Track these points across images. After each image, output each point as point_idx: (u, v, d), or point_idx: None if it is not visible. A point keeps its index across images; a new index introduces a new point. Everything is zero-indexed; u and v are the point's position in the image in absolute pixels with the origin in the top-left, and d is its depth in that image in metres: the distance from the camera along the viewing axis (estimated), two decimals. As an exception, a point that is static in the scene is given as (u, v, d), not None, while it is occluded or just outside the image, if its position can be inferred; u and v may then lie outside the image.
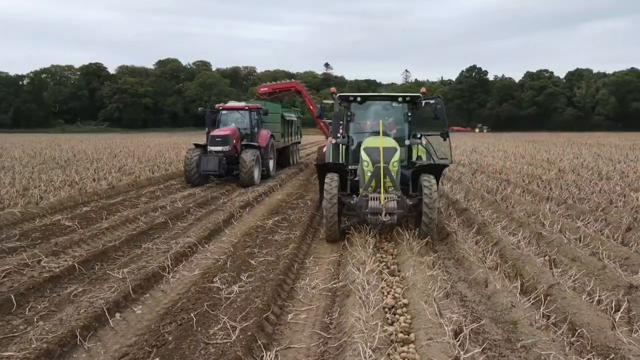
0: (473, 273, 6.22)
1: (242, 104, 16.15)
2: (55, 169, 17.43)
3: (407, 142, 9.16)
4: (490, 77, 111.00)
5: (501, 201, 11.02)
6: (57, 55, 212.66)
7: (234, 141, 13.88)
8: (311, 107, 19.23)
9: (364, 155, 8.04)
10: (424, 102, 9.13)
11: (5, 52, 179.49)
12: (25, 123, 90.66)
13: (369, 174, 7.82)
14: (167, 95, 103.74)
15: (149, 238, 8.13)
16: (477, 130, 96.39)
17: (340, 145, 9.21)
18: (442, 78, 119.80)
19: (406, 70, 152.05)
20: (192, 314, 4.88)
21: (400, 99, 9.19)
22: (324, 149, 14.33)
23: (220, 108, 15.36)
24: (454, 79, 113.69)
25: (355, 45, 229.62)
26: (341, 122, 9.27)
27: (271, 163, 15.86)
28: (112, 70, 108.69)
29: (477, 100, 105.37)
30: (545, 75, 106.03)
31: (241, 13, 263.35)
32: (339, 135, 9.14)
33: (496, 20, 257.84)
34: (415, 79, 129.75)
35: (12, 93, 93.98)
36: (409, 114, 9.20)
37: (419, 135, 9.43)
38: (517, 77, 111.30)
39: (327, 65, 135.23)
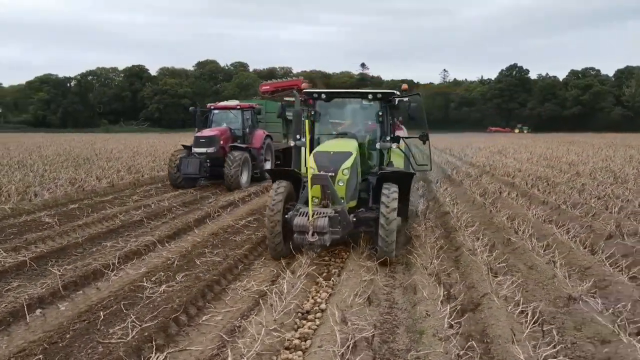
0: (411, 279, 6.01)
1: (234, 102, 16.00)
2: (70, 167, 18.16)
3: (377, 145, 8.16)
4: (532, 75, 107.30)
5: (490, 205, 10.59)
6: (103, 58, 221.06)
7: (222, 142, 13.68)
8: None
9: (310, 160, 6.93)
10: (397, 100, 8.16)
11: (55, 55, 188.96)
12: (73, 123, 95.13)
13: None
14: (205, 96, 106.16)
15: (114, 236, 8.30)
16: (516, 130, 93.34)
17: (303, 148, 8.13)
18: (482, 77, 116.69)
19: (444, 69, 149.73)
20: (101, 313, 4.95)
21: (370, 96, 8.13)
22: None
23: (212, 107, 15.21)
24: (493, 79, 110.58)
25: (392, 45, 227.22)
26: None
27: (267, 165, 15.62)
28: (153, 72, 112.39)
29: (517, 100, 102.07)
30: (591, 74, 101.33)
31: (280, 14, 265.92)
32: (298, 136, 8.24)
33: (538, 17, 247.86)
34: (454, 79, 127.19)
35: (61, 94, 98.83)
36: (380, 113, 8.04)
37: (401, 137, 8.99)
38: (561, 75, 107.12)
39: (363, 65, 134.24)
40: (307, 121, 7.49)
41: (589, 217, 9.26)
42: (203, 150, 13.25)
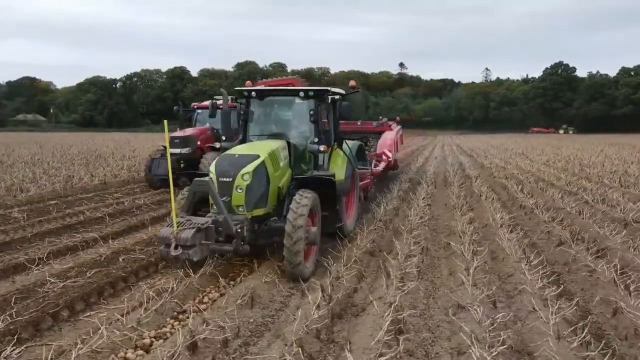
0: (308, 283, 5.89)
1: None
2: (81, 165, 18.94)
3: (320, 148, 7.58)
4: (580, 74, 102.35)
5: (458, 209, 10.17)
6: (147, 60, 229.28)
7: (199, 142, 13.66)
8: None
9: (212, 166, 6.52)
10: (329, 98, 7.71)
11: (102, 58, 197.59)
12: (118, 123, 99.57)
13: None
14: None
15: (67, 231, 8.54)
16: (561, 131, 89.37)
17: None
18: (527, 76, 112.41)
19: (486, 68, 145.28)
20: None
21: (302, 94, 7.59)
22: None
23: (195, 107, 15.25)
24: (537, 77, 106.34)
25: (433, 43, 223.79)
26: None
27: None
28: (194, 73, 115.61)
29: (562, 99, 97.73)
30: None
31: (320, 15, 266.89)
32: (224, 138, 7.68)
33: (586, 13, 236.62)
34: (497, 77, 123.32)
35: (107, 95, 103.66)
36: (312, 112, 7.53)
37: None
38: (612, 73, 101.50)
39: (401, 65, 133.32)
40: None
41: (555, 222, 8.76)
42: (177, 150, 13.18)
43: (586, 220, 8.70)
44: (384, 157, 12.97)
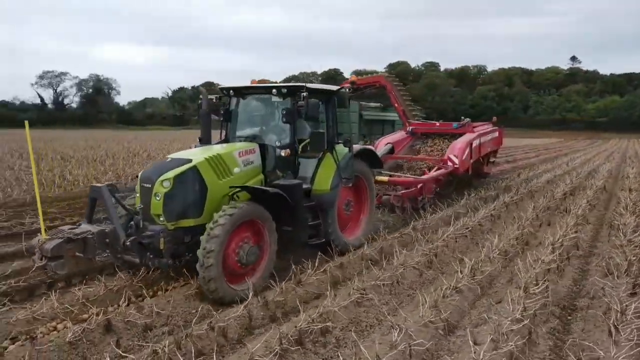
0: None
1: None
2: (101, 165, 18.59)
3: (282, 152, 6.77)
4: None
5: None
6: (304, 63, 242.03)
7: None
8: (396, 105, 17.36)
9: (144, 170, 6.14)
10: (302, 95, 6.58)
11: (265, 63, 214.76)
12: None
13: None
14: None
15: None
16: None
17: None
18: None
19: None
20: None
21: (274, 91, 6.74)
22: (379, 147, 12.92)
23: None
24: None
25: (613, 33, 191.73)
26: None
27: None
28: (346, 74, 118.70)
29: None
30: None
31: (477, 9, 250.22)
32: (199, 140, 7.07)
33: None
34: None
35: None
36: (284, 112, 6.70)
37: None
38: None
39: (573, 58, 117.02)
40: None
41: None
42: None
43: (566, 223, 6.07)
44: (448, 164, 11.50)
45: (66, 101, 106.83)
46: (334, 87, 7.46)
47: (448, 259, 7.31)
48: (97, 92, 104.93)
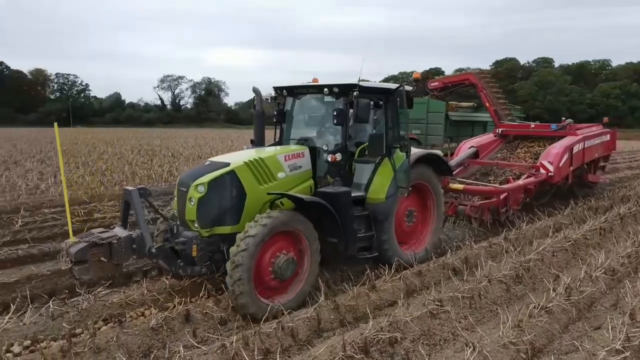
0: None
1: None
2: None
3: (328, 157, 6.19)
4: None
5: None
6: (405, 62, 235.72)
7: None
8: (487, 105, 16.03)
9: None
10: (354, 94, 5.97)
11: (366, 64, 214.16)
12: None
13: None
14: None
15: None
16: None
17: None
18: None
19: None
20: None
21: (326, 91, 6.25)
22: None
23: None
24: None
25: None
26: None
27: None
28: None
29: None
30: None
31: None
32: (251, 141, 6.83)
33: None
34: None
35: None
36: (335, 113, 6.12)
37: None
38: None
39: None
40: None
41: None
42: None
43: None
44: (540, 171, 10.15)
45: (182, 102, 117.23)
46: (393, 86, 6.70)
47: (542, 275, 6.67)
48: (208, 93, 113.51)
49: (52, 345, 4.53)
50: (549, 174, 10.02)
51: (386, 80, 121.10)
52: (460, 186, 9.27)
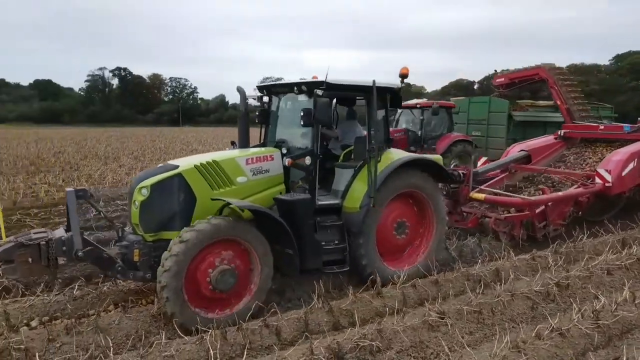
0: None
1: (421, 101, 14.97)
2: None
3: (285, 161, 5.79)
4: None
5: None
6: (502, 59, 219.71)
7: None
8: (559, 103, 14.16)
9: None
10: (318, 92, 5.56)
11: (471, 62, 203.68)
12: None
13: None
14: (618, 93, 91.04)
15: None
16: None
17: None
18: None
19: None
20: None
21: (296, 90, 5.87)
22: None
23: None
24: None
25: None
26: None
27: None
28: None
29: None
30: None
31: None
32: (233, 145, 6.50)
33: None
34: None
35: (465, 95, 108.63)
36: (302, 114, 5.66)
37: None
38: None
39: None
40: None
41: None
42: None
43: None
44: (596, 180, 8.72)
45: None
46: (368, 82, 5.81)
47: (584, 294, 5.92)
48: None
49: (61, 322, 4.99)
50: (606, 184, 8.57)
51: (487, 78, 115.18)
52: (482, 196, 8.15)
